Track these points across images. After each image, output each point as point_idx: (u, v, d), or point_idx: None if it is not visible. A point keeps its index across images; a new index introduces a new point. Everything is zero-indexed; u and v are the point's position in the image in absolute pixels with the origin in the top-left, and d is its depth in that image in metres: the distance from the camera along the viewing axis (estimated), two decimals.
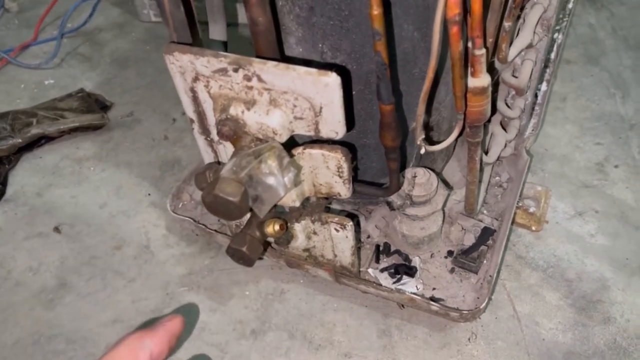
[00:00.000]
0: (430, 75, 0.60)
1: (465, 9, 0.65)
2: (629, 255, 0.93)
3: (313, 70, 0.59)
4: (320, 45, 0.73)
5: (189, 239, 1.03)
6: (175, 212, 0.98)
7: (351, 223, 0.76)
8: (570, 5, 1.32)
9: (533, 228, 0.98)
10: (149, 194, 1.12)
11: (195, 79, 0.66)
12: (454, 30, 0.60)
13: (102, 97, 1.35)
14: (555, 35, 1.25)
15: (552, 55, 1.22)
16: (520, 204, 1.01)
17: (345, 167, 0.69)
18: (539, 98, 1.10)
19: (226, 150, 0.74)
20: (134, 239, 1.04)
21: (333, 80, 0.58)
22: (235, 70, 0.62)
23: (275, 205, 0.67)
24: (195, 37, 0.70)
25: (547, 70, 1.18)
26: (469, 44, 0.66)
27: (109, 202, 1.12)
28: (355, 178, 0.84)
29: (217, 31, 0.89)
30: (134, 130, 1.27)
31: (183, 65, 0.65)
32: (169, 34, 0.68)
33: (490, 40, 0.75)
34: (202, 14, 0.86)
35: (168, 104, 1.29)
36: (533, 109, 1.01)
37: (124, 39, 1.57)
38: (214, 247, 1.01)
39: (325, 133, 0.65)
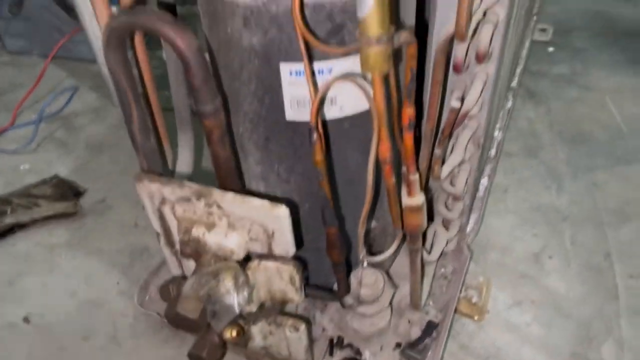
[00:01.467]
0: (366, 207, 0.70)
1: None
2: (562, 344, 1.02)
3: (266, 202, 0.68)
4: (276, 166, 0.83)
5: (156, 328, 1.08)
6: (142, 305, 1.04)
7: (304, 325, 0.83)
8: (509, 105, 1.47)
9: (475, 318, 1.07)
10: (118, 283, 1.18)
11: (162, 202, 0.75)
12: (387, 169, 0.70)
13: (75, 183, 1.41)
14: (496, 133, 1.39)
15: (493, 152, 1.36)
16: (464, 295, 1.10)
17: (297, 277, 0.77)
18: (481, 192, 1.22)
19: (189, 262, 0.82)
20: (102, 329, 1.09)
21: (283, 211, 0.68)
22: (198, 199, 0.71)
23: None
24: (164, 163, 0.79)
25: (488, 165, 1.30)
26: (404, 169, 0.77)
27: (78, 291, 1.17)
28: (307, 282, 0.92)
29: (184, 140, 0.99)
30: (105, 217, 1.34)
31: (151, 191, 0.74)
32: (139, 162, 0.77)
33: (424, 163, 0.85)
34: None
35: None
36: (472, 206, 1.12)
37: (100, 124, 1.65)
38: (179, 337, 1.06)
39: (277, 252, 0.73)
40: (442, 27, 0.72)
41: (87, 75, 1.84)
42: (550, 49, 1.85)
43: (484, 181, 1.25)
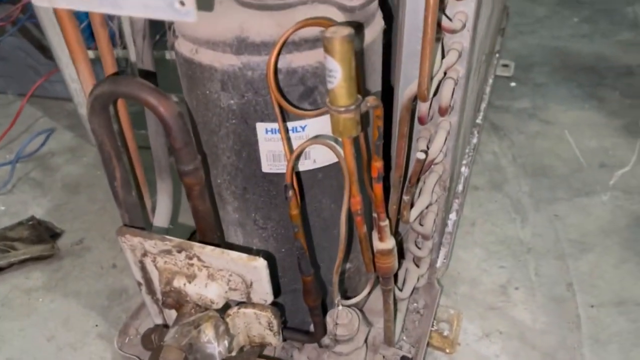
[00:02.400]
0: (340, 256, 0.74)
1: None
2: None
3: (244, 255, 0.72)
4: (253, 214, 0.86)
5: None
6: (121, 349, 1.05)
7: None
8: (474, 141, 1.54)
9: (447, 350, 1.12)
10: (97, 325, 1.19)
11: (144, 254, 0.78)
12: (358, 220, 0.74)
13: (52, 224, 1.42)
14: (462, 169, 1.45)
15: (460, 187, 1.42)
16: (436, 328, 1.14)
17: (275, 322, 0.81)
18: (449, 227, 1.27)
19: (170, 311, 0.84)
20: None
21: (260, 264, 0.71)
22: (179, 252, 0.74)
23: None
24: (145, 215, 0.82)
25: (456, 201, 1.36)
26: (375, 215, 0.82)
27: (56, 335, 1.17)
28: (285, 325, 0.96)
29: (163, 189, 1.02)
30: (83, 258, 1.35)
31: (133, 245, 0.77)
32: (121, 216, 0.80)
33: (394, 207, 0.90)
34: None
35: None
36: (441, 242, 1.17)
37: (76, 163, 1.67)
38: None
39: (256, 300, 0.77)
40: (406, 86, 0.78)
41: (63, 114, 1.86)
42: (513, 84, 1.94)
43: (452, 216, 1.30)
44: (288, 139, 0.74)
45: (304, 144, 0.67)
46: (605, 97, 1.83)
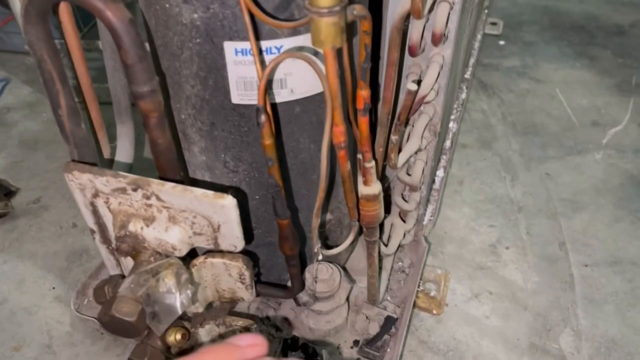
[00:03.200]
0: (320, 195, 0.65)
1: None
2: (519, 335, 1.00)
3: (209, 192, 0.62)
4: (223, 155, 0.77)
5: (95, 336, 1.00)
6: (79, 311, 0.96)
7: (255, 325, 0.78)
8: (463, 96, 1.46)
9: (434, 312, 1.04)
10: (54, 288, 1.09)
11: (95, 195, 0.67)
12: (341, 154, 0.65)
13: (6, 182, 1.30)
14: (451, 124, 1.37)
15: (448, 144, 1.34)
16: (422, 288, 1.07)
17: (247, 274, 0.72)
18: (437, 184, 1.19)
19: (127, 259, 0.75)
20: (35, 338, 1.00)
21: (229, 202, 0.62)
22: (135, 190, 0.64)
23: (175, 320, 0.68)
24: (99, 154, 0.72)
25: (444, 157, 1.28)
26: (359, 156, 0.73)
27: (9, 298, 1.07)
28: (259, 279, 0.87)
29: (124, 133, 0.91)
30: (40, 218, 1.24)
31: (82, 183, 0.67)
32: (69, 151, 0.69)
33: (380, 149, 0.82)
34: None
35: None
36: (429, 197, 1.09)
37: (34, 119, 1.54)
38: (120, 344, 0.98)
39: (224, 247, 0.68)
40: (397, 4, 0.69)
41: (21, 68, 1.72)
42: (501, 42, 1.86)
43: (440, 173, 1.22)
44: (262, 63, 0.64)
45: (279, 57, 0.58)
46: (597, 56, 1.76)
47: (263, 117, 0.59)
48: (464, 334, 1.01)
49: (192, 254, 0.72)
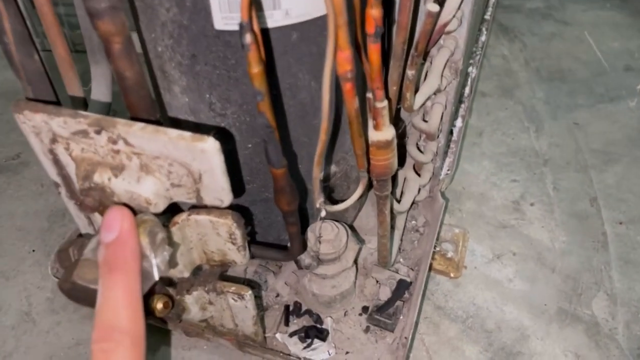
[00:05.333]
0: (322, 137, 0.54)
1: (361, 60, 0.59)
2: (547, 300, 0.90)
3: (186, 134, 0.51)
4: (208, 95, 0.65)
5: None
6: (57, 276, 0.86)
7: (250, 292, 0.68)
8: (482, 39, 1.32)
9: (452, 275, 0.94)
10: (33, 250, 0.99)
11: (53, 140, 0.56)
12: (347, 87, 0.53)
13: None
14: (469, 69, 1.23)
15: (467, 90, 1.20)
16: (438, 249, 0.96)
17: (237, 233, 0.61)
18: (454, 135, 1.07)
19: (99, 217, 0.64)
20: (13, 305, 0.91)
21: (210, 145, 0.50)
22: (98, 132, 0.53)
23: (153, 286, 0.57)
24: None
25: (462, 105, 1.16)
26: (369, 95, 0.61)
27: None
28: (254, 240, 0.77)
29: (99, 74, 0.80)
30: (20, 175, 1.14)
31: (37, 125, 0.56)
32: (23, 88, 0.58)
33: (394, 88, 0.69)
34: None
35: None
36: (448, 147, 0.97)
37: None
38: None
39: (209, 201, 0.57)
40: None
41: None
42: None
43: (458, 122, 1.10)
44: None
45: None
46: None
47: (248, 37, 0.46)
48: (484, 299, 0.91)
49: (176, 211, 0.62)
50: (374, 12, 0.54)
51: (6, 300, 0.92)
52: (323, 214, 0.65)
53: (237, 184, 0.63)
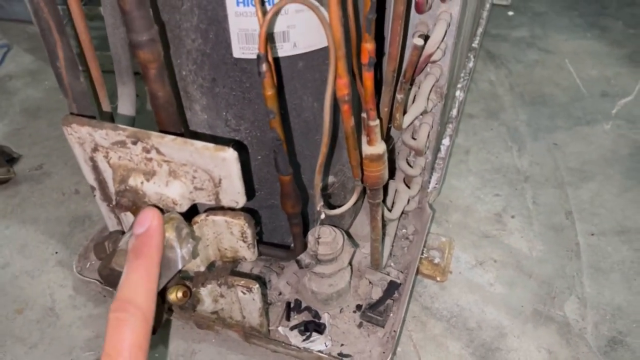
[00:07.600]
0: (323, 150, 0.64)
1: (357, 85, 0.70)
2: (524, 302, 0.99)
3: (210, 145, 0.61)
4: (224, 113, 0.75)
5: (97, 300, 1.00)
6: (81, 273, 0.95)
7: (257, 285, 0.77)
8: (470, 65, 1.43)
9: (438, 279, 1.03)
10: (56, 252, 1.09)
11: (95, 149, 0.66)
12: (345, 108, 0.64)
13: (9, 148, 1.30)
14: (457, 93, 1.35)
15: (454, 112, 1.31)
16: (426, 255, 1.06)
17: (248, 232, 0.71)
18: (442, 152, 1.17)
19: (128, 217, 0.74)
20: (38, 301, 1.00)
21: (230, 155, 0.60)
22: (134, 143, 0.63)
23: (176, 274, 0.67)
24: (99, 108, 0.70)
25: (450, 126, 1.26)
26: (364, 115, 0.71)
27: (11, 262, 1.07)
28: (261, 240, 0.86)
29: (125, 94, 0.90)
30: (42, 184, 1.23)
31: (82, 137, 0.65)
32: (68, 105, 0.68)
33: (385, 109, 0.80)
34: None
35: None
36: (434, 164, 1.08)
37: (36, 87, 1.53)
38: None
39: (226, 202, 0.66)
40: None
41: (23, 36, 1.70)
42: (510, 12, 1.82)
43: (446, 141, 1.20)
44: (264, 14, 0.62)
45: (281, 2, 0.56)
46: (608, 27, 1.72)
47: (264, 66, 0.57)
48: (467, 301, 1.00)
49: (194, 212, 0.71)
50: (368, 46, 0.64)
51: (32, 296, 1.01)
52: (323, 216, 0.75)
53: (249, 190, 0.72)
